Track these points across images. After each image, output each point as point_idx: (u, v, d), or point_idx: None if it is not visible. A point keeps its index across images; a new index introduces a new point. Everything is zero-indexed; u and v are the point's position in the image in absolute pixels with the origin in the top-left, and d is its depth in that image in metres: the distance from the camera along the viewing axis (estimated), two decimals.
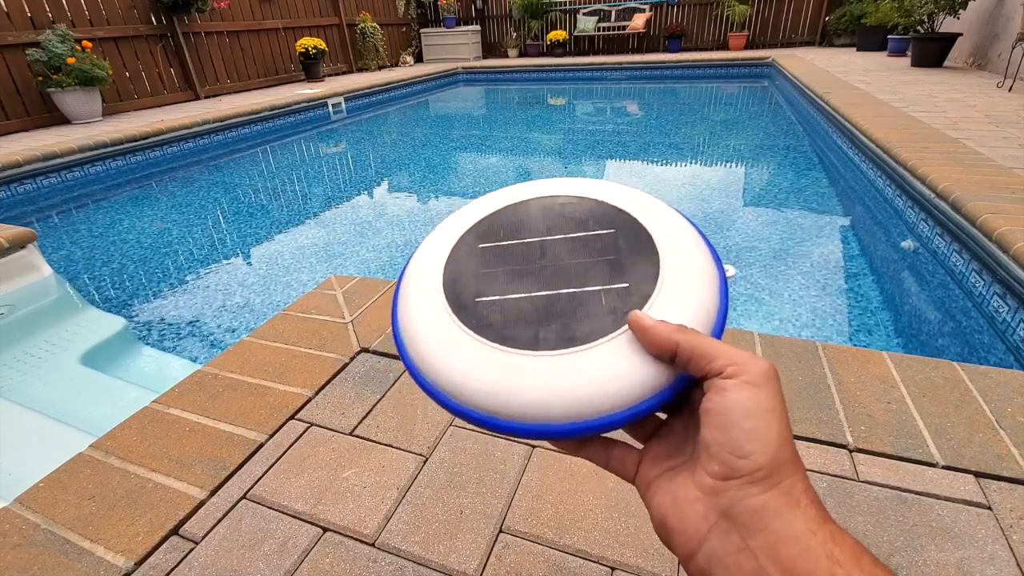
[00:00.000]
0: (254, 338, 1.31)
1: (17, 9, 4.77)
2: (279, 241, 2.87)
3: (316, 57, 7.68)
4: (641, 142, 4.55)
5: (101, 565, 0.77)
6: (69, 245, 2.94)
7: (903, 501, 0.80)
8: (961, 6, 5.38)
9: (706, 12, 9.66)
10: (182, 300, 2.27)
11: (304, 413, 1.06)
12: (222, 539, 0.80)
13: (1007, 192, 1.91)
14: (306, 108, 6.07)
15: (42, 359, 1.71)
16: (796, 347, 1.15)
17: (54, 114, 5.04)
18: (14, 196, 3.59)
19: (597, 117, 5.98)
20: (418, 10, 11.05)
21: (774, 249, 2.40)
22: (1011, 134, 2.83)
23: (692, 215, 2.85)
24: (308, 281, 2.34)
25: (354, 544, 0.79)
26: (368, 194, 3.60)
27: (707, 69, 8.42)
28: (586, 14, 10.23)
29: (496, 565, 0.74)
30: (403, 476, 0.90)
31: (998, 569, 0.70)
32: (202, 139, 4.88)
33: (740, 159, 3.93)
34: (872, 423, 0.94)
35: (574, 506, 0.82)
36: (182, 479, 0.90)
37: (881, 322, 1.83)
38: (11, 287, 1.94)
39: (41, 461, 0.99)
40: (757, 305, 1.96)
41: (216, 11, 6.72)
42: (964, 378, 1.04)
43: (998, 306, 1.64)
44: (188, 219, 3.29)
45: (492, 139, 4.89)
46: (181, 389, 1.13)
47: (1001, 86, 4.37)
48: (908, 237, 2.36)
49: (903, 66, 6.04)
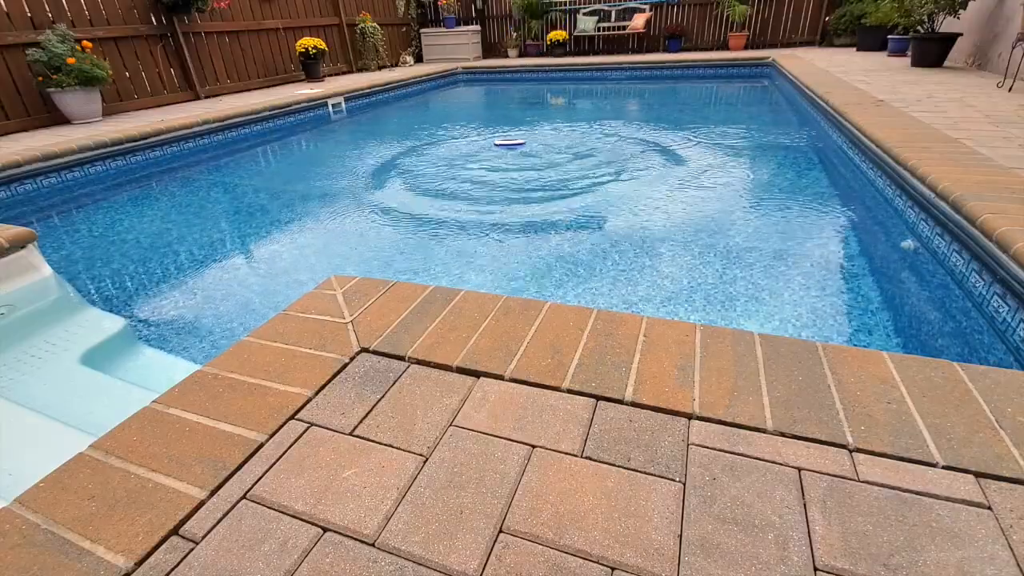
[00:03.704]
0: (254, 338, 1.31)
1: (17, 9, 4.77)
2: (279, 241, 2.87)
3: (316, 57, 7.68)
4: (641, 142, 4.55)
5: (101, 565, 0.77)
6: (69, 245, 2.94)
7: (903, 501, 0.80)
8: (961, 6, 5.38)
9: (706, 12, 9.66)
10: (182, 300, 2.26)
11: (304, 413, 1.06)
12: (222, 539, 0.80)
13: (1007, 192, 1.91)
14: (306, 108, 6.07)
15: (42, 359, 1.71)
16: (796, 347, 1.15)
17: (54, 114, 5.04)
18: (14, 196, 3.59)
19: (597, 117, 5.98)
20: (418, 10, 11.05)
21: (774, 249, 2.40)
22: (1011, 134, 2.83)
23: (691, 215, 2.86)
24: (308, 281, 2.34)
25: (354, 544, 0.79)
26: (368, 194, 3.59)
27: (707, 69, 8.42)
28: (586, 14, 10.23)
29: (496, 565, 0.74)
30: (403, 476, 0.90)
31: (998, 569, 0.70)
32: (202, 139, 4.88)
33: (740, 159, 3.93)
34: (872, 423, 0.94)
35: (574, 506, 0.82)
36: (182, 479, 0.90)
37: (881, 322, 1.83)
38: (11, 287, 1.94)
39: (41, 461, 1.00)
40: (757, 305, 1.96)
41: (216, 11, 6.72)
42: (964, 378, 1.04)
43: (998, 306, 1.64)
44: (188, 219, 3.29)
45: (492, 139, 4.89)
46: (181, 389, 1.13)
47: (1001, 86, 4.37)
48: (908, 237, 2.35)
49: (903, 66, 6.04)
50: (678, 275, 2.22)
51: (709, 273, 2.20)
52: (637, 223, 2.77)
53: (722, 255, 2.35)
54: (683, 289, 2.10)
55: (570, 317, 1.32)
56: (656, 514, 0.80)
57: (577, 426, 0.99)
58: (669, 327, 1.25)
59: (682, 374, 1.09)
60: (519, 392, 1.09)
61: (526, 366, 1.15)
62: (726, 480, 0.85)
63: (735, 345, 1.17)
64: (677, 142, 4.48)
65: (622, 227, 2.74)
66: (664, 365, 1.13)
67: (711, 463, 0.89)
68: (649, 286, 2.15)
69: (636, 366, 1.13)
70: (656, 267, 2.30)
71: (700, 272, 2.22)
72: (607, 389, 1.07)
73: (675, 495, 0.83)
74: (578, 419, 1.00)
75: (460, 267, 2.42)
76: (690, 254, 2.39)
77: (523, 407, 1.04)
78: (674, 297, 2.05)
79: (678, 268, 2.27)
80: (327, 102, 6.36)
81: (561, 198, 3.21)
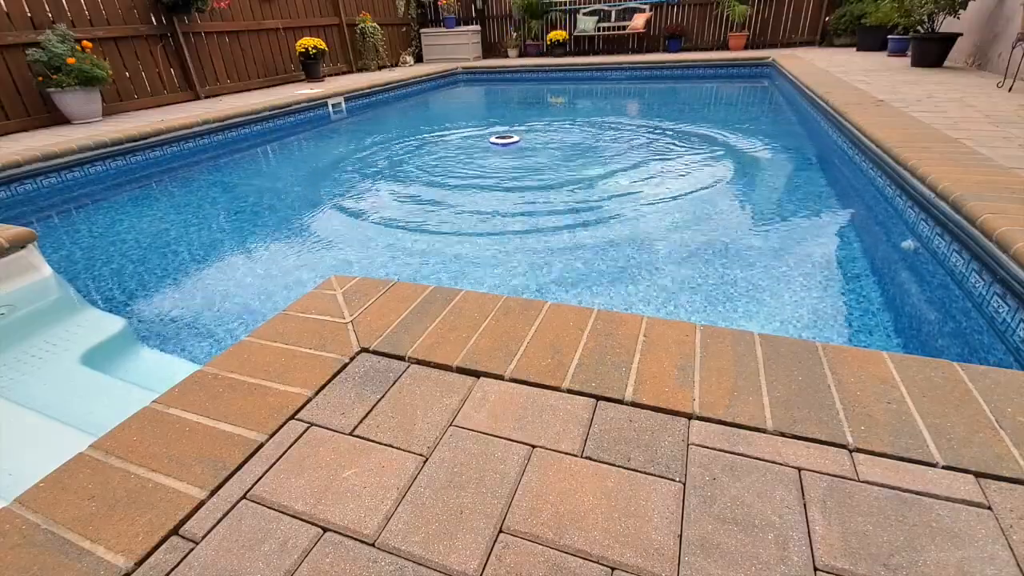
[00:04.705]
0: (254, 338, 1.31)
1: (17, 9, 4.77)
2: (279, 241, 2.87)
3: (316, 57, 7.68)
4: (640, 142, 4.55)
5: (101, 565, 0.77)
6: (69, 245, 2.94)
7: (903, 501, 0.80)
8: (961, 6, 5.38)
9: (706, 12, 9.67)
10: (182, 300, 2.26)
11: (304, 413, 1.06)
12: (222, 539, 0.80)
13: (1007, 192, 1.91)
14: (306, 108, 6.07)
15: (42, 359, 1.71)
16: (796, 347, 1.15)
17: (54, 114, 5.04)
18: (14, 196, 3.59)
19: (596, 116, 5.98)
20: (418, 10, 11.05)
21: (774, 249, 2.40)
22: (1011, 134, 2.83)
23: (690, 215, 2.86)
24: (307, 280, 2.34)
25: (354, 544, 0.79)
26: (368, 193, 3.60)
27: (707, 69, 8.42)
28: (586, 14, 10.23)
29: (496, 565, 0.74)
30: (403, 476, 0.90)
31: (998, 569, 0.70)
32: (202, 139, 4.88)
33: (740, 159, 3.93)
34: (872, 423, 0.94)
35: (574, 506, 0.82)
36: (182, 479, 0.90)
37: (881, 322, 1.83)
38: (11, 287, 1.93)
39: (41, 461, 1.00)
40: (757, 306, 1.96)
41: (216, 11, 6.72)
42: (964, 378, 1.04)
43: (998, 306, 1.64)
44: (188, 219, 3.29)
45: (490, 137, 4.89)
46: (181, 389, 1.13)
47: (1001, 86, 4.37)
48: (908, 237, 2.35)
49: (903, 66, 6.04)
50: (676, 275, 2.22)
51: (710, 273, 2.20)
52: (632, 221, 2.77)
53: (720, 254, 2.35)
54: (681, 289, 2.10)
55: (570, 317, 1.32)
56: (656, 514, 0.80)
57: (577, 426, 0.99)
58: (669, 327, 1.25)
59: (682, 374, 1.09)
60: (519, 392, 1.09)
61: (526, 366, 1.15)
62: (726, 480, 0.85)
63: (735, 345, 1.17)
64: (677, 142, 4.48)
65: (617, 224, 2.74)
66: (664, 365, 1.13)
67: (711, 463, 0.89)
68: (648, 285, 2.15)
69: (636, 366, 1.13)
70: (654, 264, 2.30)
71: (700, 271, 2.22)
72: (607, 389, 1.07)
73: (675, 495, 0.83)
74: (578, 419, 1.00)
75: (457, 262, 2.42)
76: (687, 252, 2.39)
77: (523, 407, 1.04)
78: (671, 295, 2.05)
79: (676, 268, 2.27)
80: (327, 102, 6.36)
81: (557, 193, 3.21)
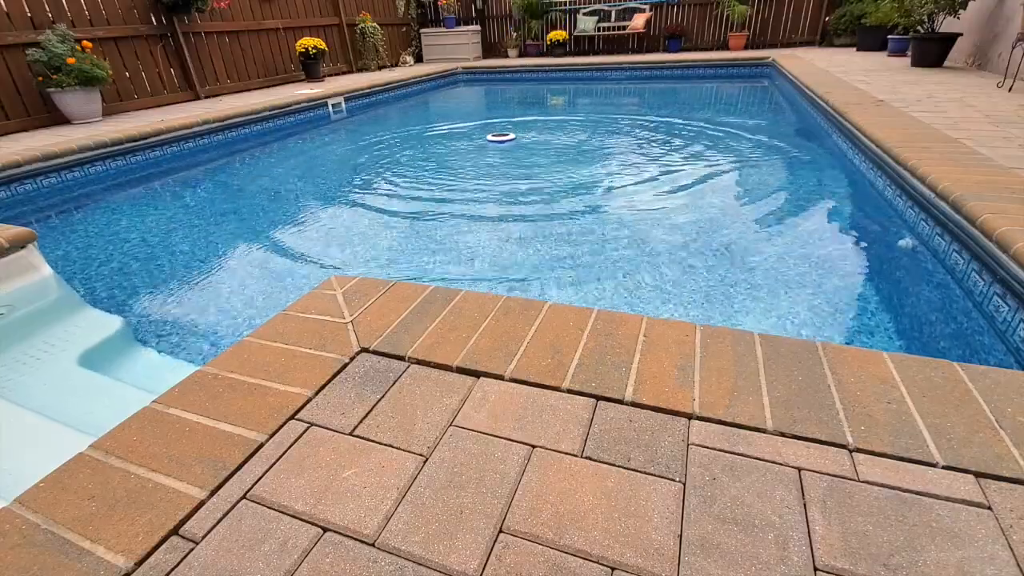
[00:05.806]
0: (254, 338, 1.31)
1: (17, 9, 4.77)
2: (279, 240, 2.86)
3: (316, 57, 7.67)
4: (640, 142, 4.55)
5: (101, 565, 0.77)
6: (69, 245, 2.94)
7: (903, 501, 0.80)
8: (961, 6, 5.38)
9: (706, 12, 9.66)
10: (182, 300, 2.26)
11: (304, 413, 1.06)
12: (222, 539, 0.80)
13: (1007, 192, 1.91)
14: (306, 108, 6.07)
15: (42, 359, 1.71)
16: (796, 347, 1.15)
17: (54, 114, 5.04)
18: (14, 196, 3.59)
19: (595, 116, 5.98)
20: (418, 10, 11.05)
21: (774, 249, 2.40)
22: (1011, 134, 2.83)
23: (689, 215, 2.86)
24: (308, 280, 2.34)
25: (354, 544, 0.79)
26: (368, 192, 3.59)
27: (707, 69, 8.42)
28: (586, 14, 10.23)
29: (496, 565, 0.74)
30: (403, 476, 0.90)
31: (998, 569, 0.70)
32: (202, 139, 4.88)
33: (740, 159, 3.93)
34: (872, 423, 0.94)
35: (574, 506, 0.82)
36: (182, 479, 0.90)
37: (881, 322, 1.83)
38: (11, 287, 1.93)
39: (41, 461, 0.99)
40: (755, 304, 1.96)
41: (216, 11, 6.72)
42: (964, 378, 1.04)
43: (998, 306, 1.64)
44: (187, 219, 3.29)
45: (488, 136, 4.89)
46: (181, 389, 1.13)
47: (1001, 86, 4.37)
48: (907, 236, 2.36)
49: (903, 66, 6.04)
50: (676, 275, 2.22)
51: (709, 272, 2.20)
52: (632, 221, 2.77)
53: (722, 254, 2.35)
54: (679, 287, 2.10)
55: (570, 317, 1.32)
56: (656, 514, 0.80)
57: (577, 426, 0.99)
58: (669, 327, 1.25)
59: (682, 374, 1.09)
60: (519, 392, 1.09)
61: (526, 366, 1.15)
62: (726, 480, 0.85)
63: (735, 345, 1.17)
64: (676, 142, 4.48)
65: (616, 223, 2.74)
66: (664, 365, 1.13)
67: (711, 463, 0.89)
68: (647, 285, 2.15)
69: (636, 366, 1.13)
70: (652, 263, 2.30)
71: (699, 271, 2.22)
72: (607, 389, 1.07)
73: (675, 495, 0.83)
74: (578, 419, 1.00)
75: (455, 257, 2.42)
76: (686, 252, 2.39)
77: (523, 407, 1.04)
78: (669, 293, 2.05)
79: (677, 268, 2.27)
80: (327, 102, 6.35)
81: (555, 191, 3.22)
